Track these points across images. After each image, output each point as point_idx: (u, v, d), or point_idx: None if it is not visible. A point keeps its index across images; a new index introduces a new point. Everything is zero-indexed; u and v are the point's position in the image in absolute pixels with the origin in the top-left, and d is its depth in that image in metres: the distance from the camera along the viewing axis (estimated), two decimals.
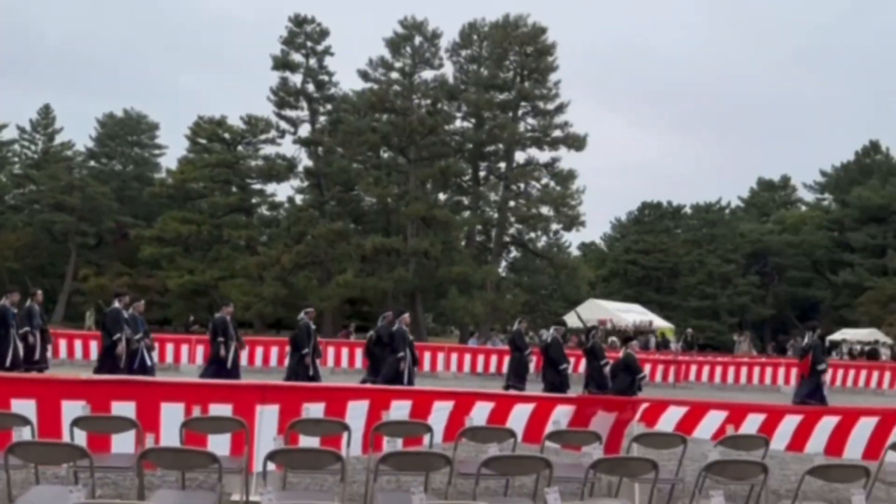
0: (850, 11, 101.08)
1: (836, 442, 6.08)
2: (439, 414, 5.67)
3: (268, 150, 39.36)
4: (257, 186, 40.54)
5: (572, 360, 13.80)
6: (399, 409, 5.56)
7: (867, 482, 4.74)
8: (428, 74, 36.76)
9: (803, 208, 60.63)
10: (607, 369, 11.53)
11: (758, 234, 52.90)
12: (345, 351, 17.89)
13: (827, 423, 6.13)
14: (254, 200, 40.81)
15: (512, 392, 8.86)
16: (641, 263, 52.02)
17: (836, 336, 36.06)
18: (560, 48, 38.24)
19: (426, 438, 5.26)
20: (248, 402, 5.23)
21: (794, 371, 17.74)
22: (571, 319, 26.86)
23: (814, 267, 51.66)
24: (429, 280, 34.89)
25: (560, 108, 36.73)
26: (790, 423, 6.04)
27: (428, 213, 33.83)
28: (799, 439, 6.06)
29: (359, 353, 16.37)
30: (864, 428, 6.15)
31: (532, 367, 13.92)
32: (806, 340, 12.33)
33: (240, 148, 40.48)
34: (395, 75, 36.27)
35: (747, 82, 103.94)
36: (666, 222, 56.06)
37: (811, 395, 11.48)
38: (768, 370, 19.04)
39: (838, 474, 4.64)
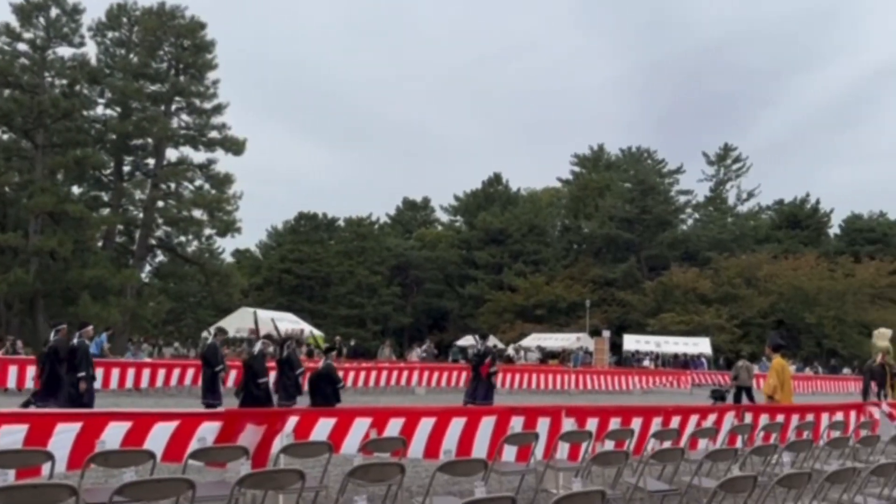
0: (489, 57, 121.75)
1: (466, 440, 6.77)
2: (62, 438, 5.11)
3: None
4: None
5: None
6: (9, 436, 4.96)
7: (485, 474, 5.37)
8: (65, 52, 33.68)
9: (440, 228, 70.40)
10: (304, 379, 11.73)
11: (401, 248, 59.29)
12: None
13: (457, 424, 6.69)
14: None
15: (152, 411, 8.88)
16: (296, 272, 54.10)
17: (462, 342, 42.56)
18: (221, 49, 38.46)
19: (45, 468, 4.77)
20: None
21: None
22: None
23: (446, 280, 59.99)
24: (55, 284, 31.76)
25: (218, 109, 36.94)
26: (426, 425, 6.54)
27: (57, 208, 30.97)
28: (434, 442, 6.59)
29: None
30: (487, 426, 6.88)
31: (226, 381, 13.52)
32: (479, 347, 14.26)
33: None
34: (22, 47, 32.48)
35: (399, 107, 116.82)
36: (321, 233, 59.22)
37: (486, 396, 13.14)
38: (405, 374, 21.56)
39: (462, 469, 5.11)
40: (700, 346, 38.02)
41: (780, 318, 49.44)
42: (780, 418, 9.46)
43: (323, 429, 6.17)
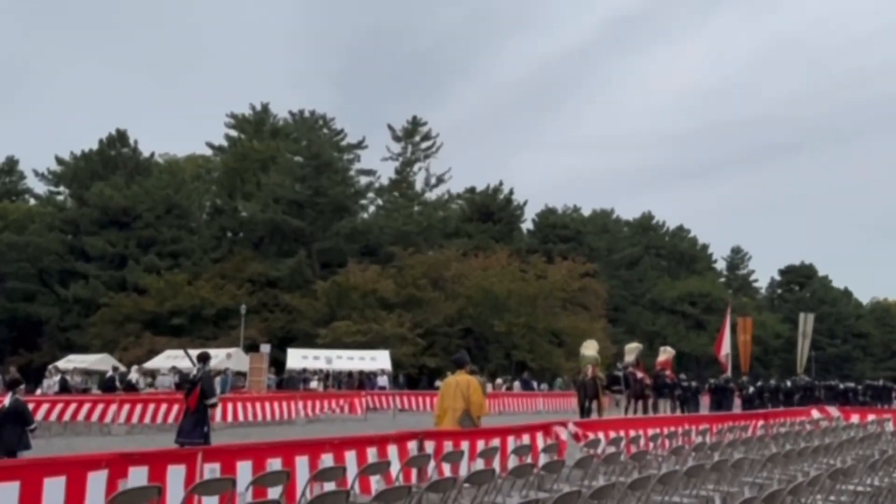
0: None
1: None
2: None
3: None
4: None
5: None
6: None
7: None
8: None
9: (32, 202, 63.87)
10: None
11: None
12: None
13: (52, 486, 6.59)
14: None
15: None
16: None
17: (63, 363, 39.01)
18: None
19: None
20: None
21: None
22: None
23: (40, 277, 54.67)
24: None
25: None
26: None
27: None
28: None
29: None
30: (97, 482, 6.88)
31: None
32: (195, 372, 14.36)
33: None
34: None
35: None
36: None
37: (196, 432, 13.51)
38: None
39: None
40: (379, 360, 40.03)
41: (468, 325, 54.66)
42: (464, 445, 10.24)
43: None
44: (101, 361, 39.71)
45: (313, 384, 38.10)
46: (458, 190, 71.45)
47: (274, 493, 7.29)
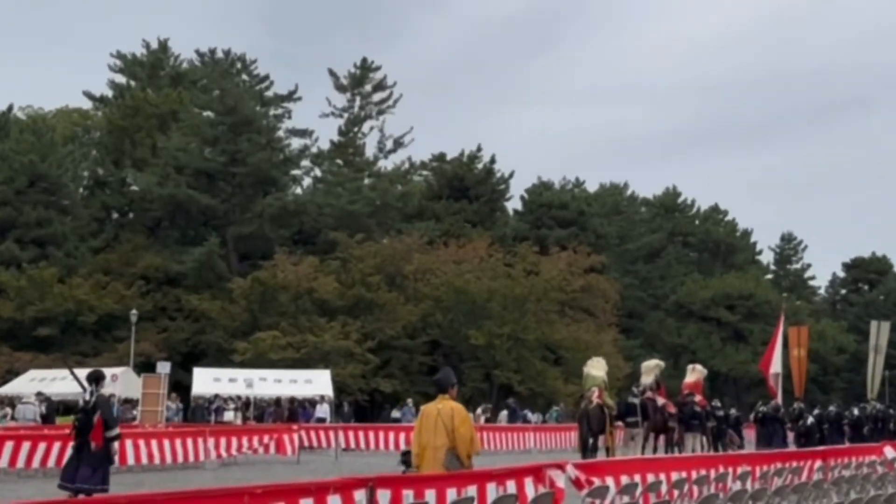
0: None
1: None
2: None
3: None
4: None
5: None
6: None
7: None
8: None
9: None
10: None
11: None
12: None
13: None
14: None
15: None
16: None
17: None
18: None
19: None
20: None
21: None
22: None
23: None
24: None
25: None
26: None
27: None
28: None
29: None
30: None
31: None
32: (87, 397, 14.77)
33: None
34: None
35: None
36: None
37: (96, 477, 14.20)
38: None
39: None
40: (316, 383, 39.98)
41: (436, 337, 54.71)
42: (429, 495, 10.22)
43: None
44: None
45: (228, 415, 37.95)
46: (423, 157, 71.66)
47: None
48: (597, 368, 25.22)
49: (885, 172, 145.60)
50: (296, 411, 39.35)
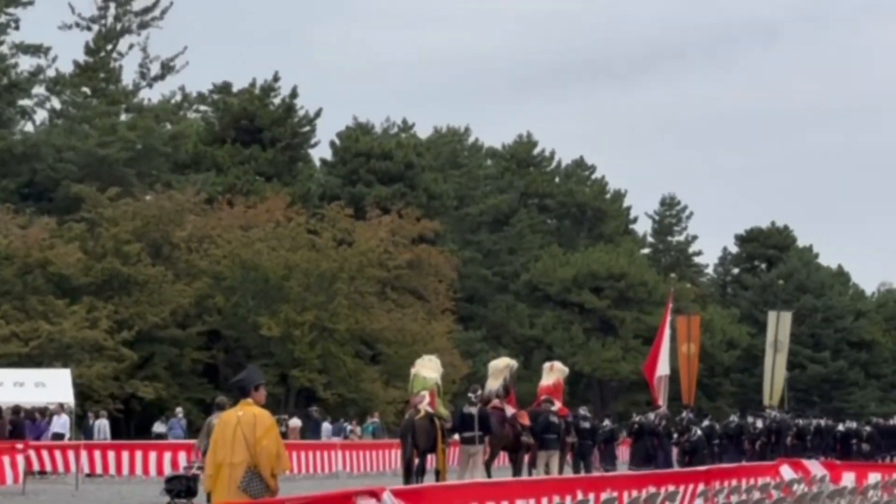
0: None
1: None
2: None
3: None
4: None
5: None
6: None
7: None
8: None
9: None
10: None
11: None
12: None
13: None
14: None
15: None
16: None
17: None
18: None
19: None
20: None
21: None
22: None
23: None
24: None
25: None
26: None
27: None
28: None
29: None
30: None
31: None
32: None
33: None
34: None
35: None
36: None
37: None
38: None
39: None
40: (52, 387, 38.85)
41: (215, 326, 54.02)
42: None
43: None
44: None
45: None
46: (201, 88, 70.51)
47: None
48: (427, 368, 25.07)
49: (791, 119, 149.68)
50: (21, 425, 38.01)
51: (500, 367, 27.91)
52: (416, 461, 23.75)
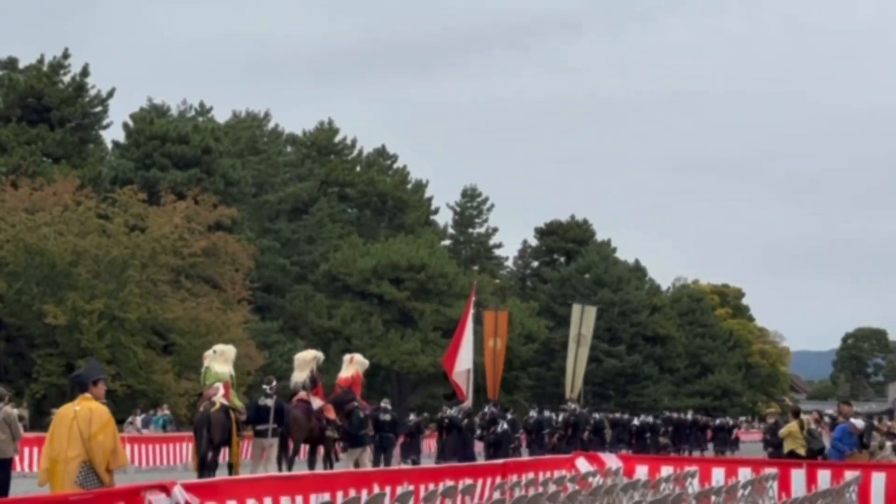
0: None
1: None
2: None
3: None
4: None
5: None
6: None
7: None
8: None
9: None
10: None
11: None
12: None
13: None
14: None
15: None
16: None
17: None
18: None
19: None
20: None
21: None
22: None
23: None
24: None
25: None
26: None
27: None
28: None
29: None
30: None
31: None
32: None
33: None
34: None
35: None
36: None
37: None
38: None
39: None
40: None
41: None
42: None
43: None
44: None
45: None
46: None
47: None
48: (219, 363, 24.64)
49: (595, 112, 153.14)
50: None
51: (307, 359, 28.21)
52: (210, 455, 23.60)
